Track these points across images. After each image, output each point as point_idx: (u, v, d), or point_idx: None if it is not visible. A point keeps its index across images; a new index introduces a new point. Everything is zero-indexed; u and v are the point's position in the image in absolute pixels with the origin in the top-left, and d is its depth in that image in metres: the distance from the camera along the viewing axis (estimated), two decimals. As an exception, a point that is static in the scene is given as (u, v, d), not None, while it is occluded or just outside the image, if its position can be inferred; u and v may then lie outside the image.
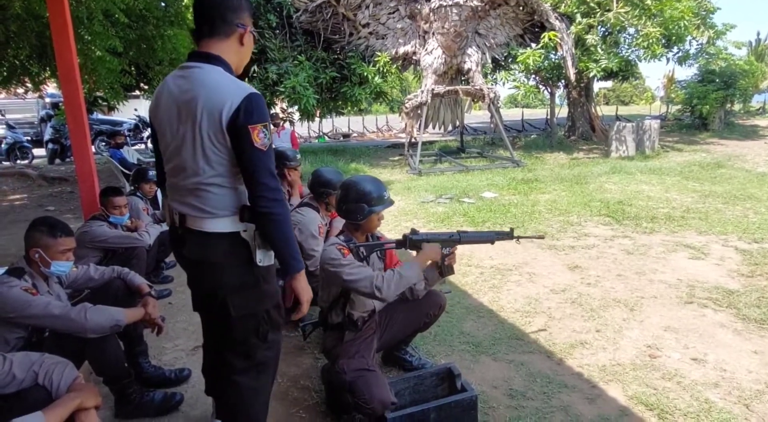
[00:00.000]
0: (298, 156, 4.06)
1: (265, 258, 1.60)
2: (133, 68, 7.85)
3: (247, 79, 10.55)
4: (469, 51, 9.86)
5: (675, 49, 10.98)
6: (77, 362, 2.01)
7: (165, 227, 4.08)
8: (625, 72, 11.41)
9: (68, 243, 2.25)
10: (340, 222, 3.28)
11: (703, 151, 11.51)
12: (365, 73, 9.75)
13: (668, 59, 11.13)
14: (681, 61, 11.35)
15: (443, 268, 2.34)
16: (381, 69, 9.76)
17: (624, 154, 10.49)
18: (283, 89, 9.16)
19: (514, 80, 10.24)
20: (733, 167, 9.09)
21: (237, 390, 1.72)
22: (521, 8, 10.01)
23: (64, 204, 7.87)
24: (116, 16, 5.68)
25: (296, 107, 10.07)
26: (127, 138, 13.42)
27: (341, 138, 18.00)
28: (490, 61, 10.55)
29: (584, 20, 9.83)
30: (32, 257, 2.16)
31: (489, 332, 3.03)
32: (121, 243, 3.39)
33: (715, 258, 4.28)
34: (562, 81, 12.28)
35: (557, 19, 9.89)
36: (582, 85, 12.60)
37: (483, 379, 2.51)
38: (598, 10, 9.79)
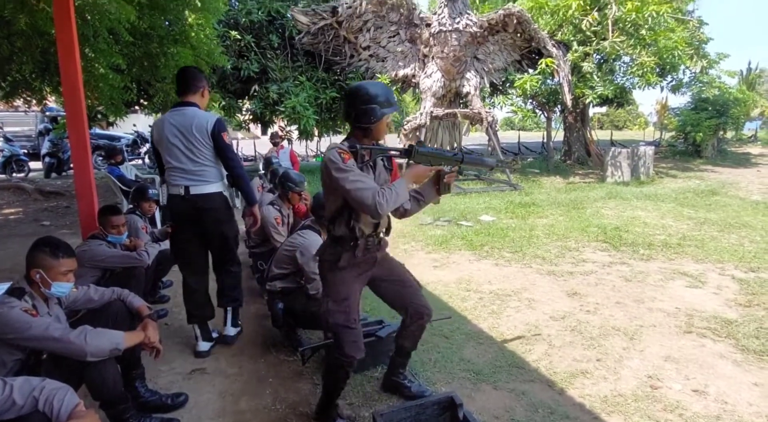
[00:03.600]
0: (305, 181, 4.07)
1: (234, 203, 3.03)
2: (134, 84, 7.87)
3: (247, 98, 10.66)
4: (468, 75, 10.01)
5: (669, 78, 11.21)
6: (75, 385, 1.97)
7: (163, 246, 4.07)
8: (620, 99, 11.60)
9: (70, 264, 2.24)
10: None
11: (698, 177, 11.65)
12: (365, 95, 9.84)
13: (662, 87, 11.36)
14: (674, 89, 11.56)
15: (441, 186, 2.30)
16: (381, 91, 9.84)
17: (619, 179, 10.59)
18: (283, 108, 9.23)
19: (512, 104, 10.39)
20: (727, 195, 9.19)
21: (231, 274, 3.25)
22: (519, 35, 10.20)
23: (59, 219, 7.82)
24: (121, 34, 5.73)
25: (295, 126, 10.14)
26: (125, 153, 13.45)
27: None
28: (488, 85, 10.70)
29: (580, 48, 10.02)
30: (33, 277, 2.14)
31: (489, 359, 3.01)
32: (120, 263, 3.36)
33: (713, 287, 4.30)
34: (559, 106, 12.44)
35: (554, 46, 10.08)
36: (578, 110, 12.78)
37: (484, 408, 2.49)
38: (594, 38, 10.00)
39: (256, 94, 9.80)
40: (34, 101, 7.44)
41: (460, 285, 4.42)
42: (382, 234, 2.31)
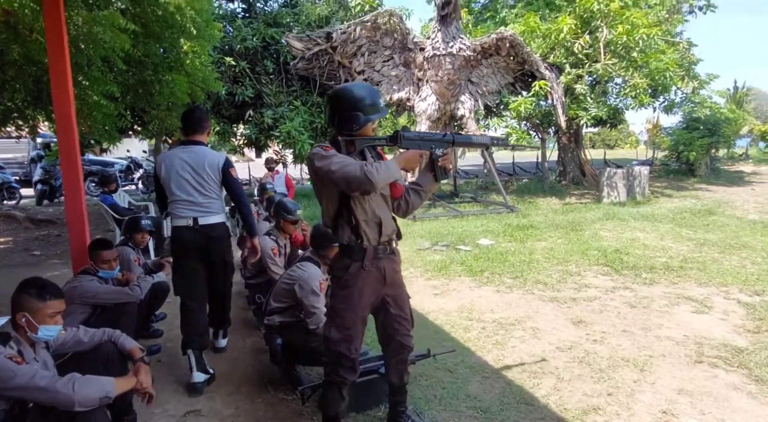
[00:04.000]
0: (299, 211, 3.99)
1: (235, 232, 3.52)
2: (128, 111, 7.83)
3: (242, 122, 10.65)
4: (462, 98, 10.06)
5: (661, 98, 11.34)
6: (62, 438, 1.85)
7: (157, 278, 3.95)
8: (613, 119, 11.70)
9: (57, 306, 2.14)
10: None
11: (693, 197, 11.68)
12: (360, 119, 9.84)
13: (655, 108, 11.49)
14: (667, 109, 11.69)
15: (437, 171, 2.21)
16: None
17: (616, 199, 10.59)
18: (278, 133, 9.21)
19: (506, 126, 10.43)
20: (724, 214, 9.18)
21: (225, 299, 3.51)
22: (512, 58, 10.30)
23: (50, 248, 7.66)
24: (115, 62, 5.70)
25: (290, 150, 10.11)
26: (119, 180, 13.35)
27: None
28: (482, 107, 10.76)
29: (573, 70, 10.13)
30: (18, 321, 2.03)
31: (496, 395, 2.89)
32: (111, 299, 3.25)
33: (719, 312, 4.22)
34: (553, 127, 12.52)
35: (547, 68, 10.17)
36: (571, 130, 12.86)
37: (495, 451, 2.37)
38: (586, 61, 10.11)
39: (250, 119, 9.80)
40: (26, 129, 7.36)
41: (462, 313, 4.31)
42: (390, 239, 2.21)
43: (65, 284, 3.31)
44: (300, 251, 4.50)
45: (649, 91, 10.15)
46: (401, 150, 2.16)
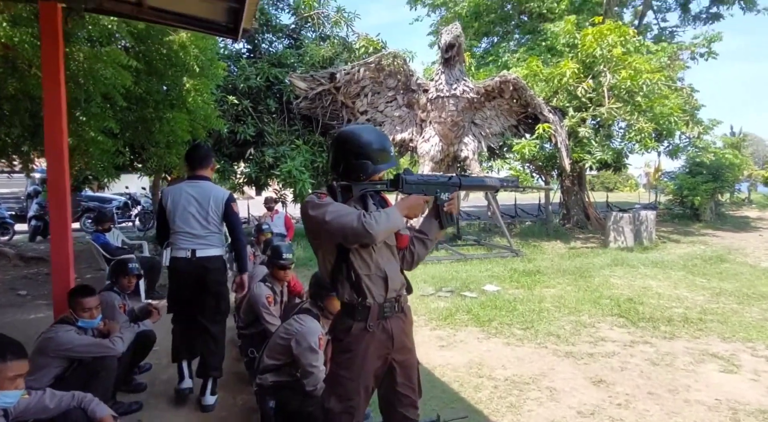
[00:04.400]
0: (292, 255, 3.73)
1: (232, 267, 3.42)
2: (127, 149, 7.71)
3: (242, 161, 10.53)
4: (466, 140, 9.99)
5: (665, 143, 11.30)
6: None
7: (143, 326, 3.66)
8: (617, 163, 11.61)
9: (19, 368, 1.87)
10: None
11: (701, 242, 11.43)
12: (362, 159, 9.73)
13: (659, 152, 11.44)
14: (672, 154, 11.62)
15: (443, 217, 1.98)
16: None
17: (623, 244, 10.34)
18: (278, 173, 9.06)
19: (510, 168, 10.31)
20: (736, 262, 8.92)
21: (216, 343, 3.37)
22: (515, 101, 10.30)
23: (38, 287, 7.34)
24: (116, 99, 5.59)
25: (291, 190, 9.94)
26: (115, 216, 13.14)
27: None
28: (485, 149, 10.67)
29: (577, 114, 10.10)
30: (-30, 388, 1.75)
31: (516, 472, 2.56)
32: (89, 353, 2.94)
33: (749, 372, 3.90)
34: (556, 169, 12.42)
35: (550, 111, 10.15)
36: (575, 173, 12.75)
37: None
38: (590, 104, 10.10)
39: (251, 157, 9.67)
40: (20, 165, 7.20)
41: (471, 369, 3.99)
42: (399, 295, 1.95)
43: (40, 334, 3.03)
44: (298, 299, 4.23)
45: (654, 135, 10.08)
46: (401, 195, 1.95)
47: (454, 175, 2.09)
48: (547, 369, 3.97)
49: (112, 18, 5.21)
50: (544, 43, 12.39)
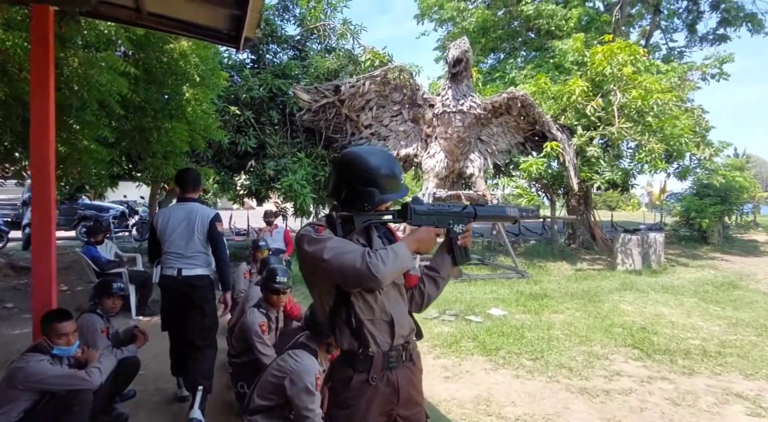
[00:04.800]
0: (287, 278, 3.47)
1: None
2: (123, 158, 7.48)
3: (243, 173, 10.31)
4: (472, 156, 9.77)
5: (675, 164, 11.09)
6: None
7: (127, 352, 3.39)
8: (625, 183, 11.38)
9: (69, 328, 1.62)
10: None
11: (710, 267, 11.14)
12: (365, 173, 9.51)
13: (669, 173, 11.21)
14: (681, 175, 11.41)
15: (457, 253, 1.74)
16: (382, 170, 9.53)
17: (630, 267, 10.06)
18: (279, 186, 8.82)
19: (516, 187, 10.08)
20: (749, 289, 8.62)
21: (203, 354, 3.43)
22: (522, 118, 10.11)
23: (26, 300, 7.03)
24: (112, 106, 5.38)
25: (291, 203, 9.70)
26: (111, 226, 12.88)
27: (334, 233, 17.41)
28: (491, 166, 10.45)
29: (586, 133, 9.90)
30: None
31: None
32: (62, 385, 2.68)
33: (779, 417, 3.61)
34: (562, 188, 12.19)
35: (558, 130, 9.95)
36: (581, 193, 12.51)
37: None
38: (599, 123, 9.90)
39: (252, 169, 9.44)
40: (12, 172, 6.96)
41: (478, 406, 3.70)
42: (407, 342, 1.70)
43: (10, 363, 2.77)
44: (295, 323, 3.96)
45: (663, 156, 9.86)
46: (401, 226, 1.70)
47: (469, 204, 1.84)
48: (561, 408, 3.68)
49: (109, 23, 5.03)
50: (551, 61, 12.26)
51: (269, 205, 11.02)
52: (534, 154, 10.39)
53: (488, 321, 6.11)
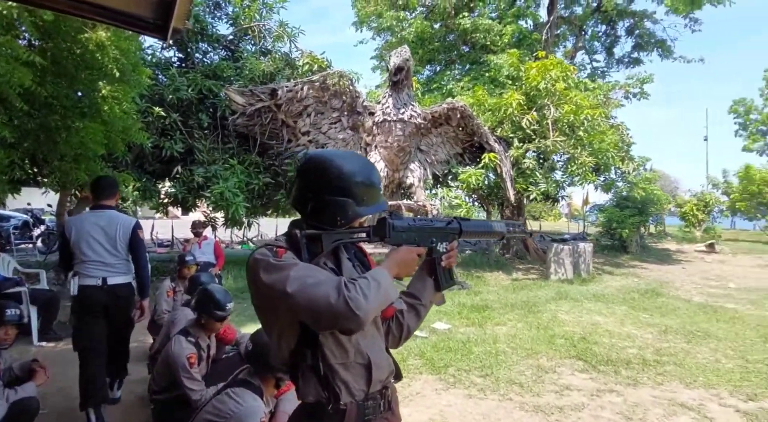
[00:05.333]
0: (230, 305, 3.05)
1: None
2: (27, 161, 6.59)
3: (167, 179, 9.54)
4: (412, 166, 9.66)
5: (602, 177, 11.64)
6: None
7: (23, 393, 2.81)
8: (556, 195, 11.77)
9: None
10: (290, 404, 2.28)
11: (633, 275, 11.73)
12: (302, 182, 9.08)
13: (596, 186, 11.74)
14: (606, 188, 11.99)
15: (440, 276, 1.48)
16: (320, 178, 9.16)
17: (563, 276, 10.35)
18: (209, 194, 8.19)
19: (455, 197, 10.10)
20: (670, 296, 9.09)
21: (125, 350, 3.74)
22: (461, 129, 10.16)
23: None
24: (11, 100, 4.65)
25: (221, 213, 9.07)
26: (12, 237, 11.48)
27: (267, 244, 16.65)
28: (431, 176, 10.41)
29: (522, 145, 10.11)
30: None
31: None
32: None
33: (724, 427, 3.66)
34: (497, 199, 12.42)
35: (496, 141, 10.10)
36: (515, 204, 12.80)
37: None
38: (534, 136, 10.15)
39: (178, 176, 8.71)
40: None
41: (430, 432, 3.45)
42: (385, 387, 1.40)
43: None
44: (229, 348, 3.53)
45: (592, 169, 10.29)
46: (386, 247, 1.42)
47: (454, 218, 1.59)
48: (518, 430, 3.51)
49: (10, 3, 4.35)
50: (487, 74, 12.50)
51: (197, 215, 10.28)
52: (472, 165, 10.47)
53: (433, 335, 5.92)
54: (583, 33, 17.52)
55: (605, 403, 4.04)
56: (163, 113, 8.29)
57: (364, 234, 1.38)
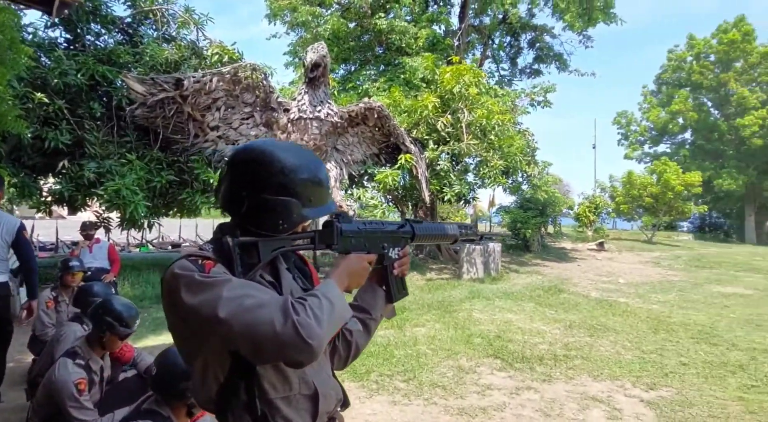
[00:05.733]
0: (137, 318, 2.65)
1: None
2: None
3: (51, 174, 8.45)
4: (328, 166, 9.40)
5: (509, 180, 12.22)
6: None
7: None
8: (467, 197, 12.15)
9: None
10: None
11: (536, 272, 12.44)
12: (210, 180, 8.49)
13: (505, 188, 12.31)
14: (513, 190, 12.61)
15: (393, 286, 1.33)
16: (230, 177, 8.60)
17: (474, 275, 10.68)
18: (102, 192, 7.35)
19: (372, 198, 10.03)
20: (571, 292, 9.72)
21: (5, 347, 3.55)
22: (378, 129, 10.10)
23: None
24: None
25: (117, 213, 8.20)
26: None
27: (170, 247, 15.51)
28: (347, 177, 10.24)
29: (437, 147, 10.29)
30: None
31: None
32: None
33: (631, 417, 3.88)
34: (411, 201, 12.56)
35: (412, 143, 10.16)
36: (428, 205, 13.03)
37: None
38: (449, 139, 10.37)
39: (65, 171, 7.72)
40: None
41: (358, 445, 3.28)
42: (332, 418, 1.24)
43: None
44: (126, 368, 3.09)
45: (502, 171, 10.74)
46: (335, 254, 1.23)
47: (406, 221, 1.42)
48: (445, 435, 3.44)
49: None
50: (402, 76, 12.59)
51: (87, 215, 9.23)
52: (388, 165, 10.46)
53: (353, 340, 5.75)
54: (491, 42, 18.35)
55: (525, 401, 4.12)
56: (46, 99, 7.30)
57: (308, 241, 1.17)
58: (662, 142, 34.54)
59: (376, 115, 9.60)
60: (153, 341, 5.61)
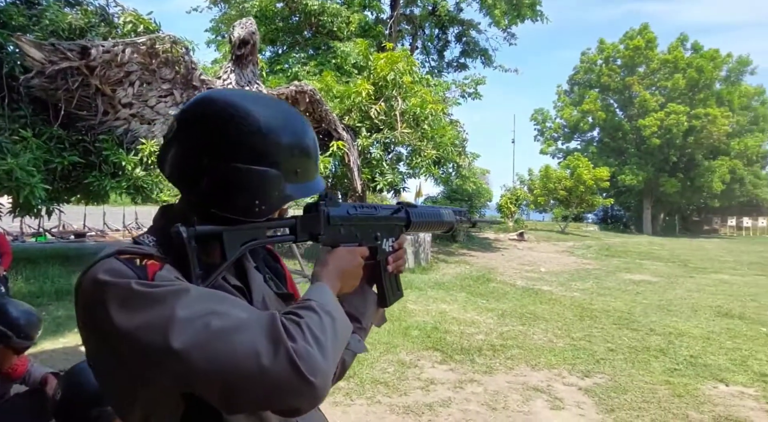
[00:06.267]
0: (38, 324, 2.17)
1: None
2: None
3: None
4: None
5: (441, 170, 12.29)
6: None
7: None
8: (398, 186, 12.07)
9: None
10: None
11: (464, 262, 12.67)
12: (122, 162, 7.65)
13: (436, 179, 12.35)
14: (443, 181, 12.71)
15: (387, 286, 1.08)
16: (145, 159, 7.84)
17: (406, 266, 10.62)
18: (-10, 172, 6.35)
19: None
20: (498, 281, 9.96)
21: None
22: (309, 114, 9.63)
23: None
24: None
25: (7, 197, 7.18)
26: None
27: (72, 237, 14.01)
28: (276, 163, 9.73)
29: (370, 135, 10.06)
30: None
31: None
32: None
33: (573, 406, 3.92)
34: (341, 189, 12.27)
35: (344, 129, 9.84)
36: (358, 194, 12.80)
37: None
38: (382, 126, 10.18)
39: (-59, 147, 6.59)
40: None
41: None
42: None
43: None
44: (17, 385, 2.57)
45: (434, 161, 10.74)
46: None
47: (399, 204, 1.16)
48: (393, 437, 3.25)
49: None
50: (333, 61, 12.19)
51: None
52: (319, 152, 10.08)
53: (286, 336, 5.41)
54: (421, 32, 18.36)
55: (469, 395, 4.04)
56: None
57: (287, 231, 0.88)
58: (574, 138, 36.80)
59: (307, 99, 9.16)
60: (52, 344, 4.91)
